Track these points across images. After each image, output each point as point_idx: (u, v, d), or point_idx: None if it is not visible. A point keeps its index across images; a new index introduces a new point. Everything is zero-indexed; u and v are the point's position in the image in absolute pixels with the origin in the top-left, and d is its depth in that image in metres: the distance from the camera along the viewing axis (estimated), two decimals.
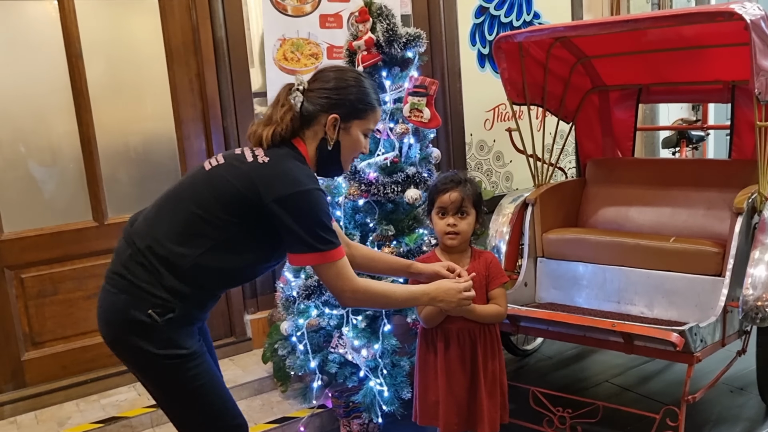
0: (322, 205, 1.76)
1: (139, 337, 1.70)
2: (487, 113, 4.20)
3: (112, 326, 1.75)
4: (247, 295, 3.59)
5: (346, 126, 1.86)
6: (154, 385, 1.81)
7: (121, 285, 1.72)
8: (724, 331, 2.69)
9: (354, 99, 1.86)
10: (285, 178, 1.73)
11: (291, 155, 1.80)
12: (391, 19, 2.78)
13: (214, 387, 1.81)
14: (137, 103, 3.30)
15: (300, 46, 3.51)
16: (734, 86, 3.37)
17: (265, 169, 1.74)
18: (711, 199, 3.19)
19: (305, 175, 1.77)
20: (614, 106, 3.80)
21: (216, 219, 1.73)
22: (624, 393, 3.22)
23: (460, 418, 2.26)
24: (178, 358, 1.72)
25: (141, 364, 1.76)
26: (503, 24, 4.20)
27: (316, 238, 1.73)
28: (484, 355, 2.26)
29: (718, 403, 3.04)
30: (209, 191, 1.75)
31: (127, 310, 1.70)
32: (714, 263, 2.81)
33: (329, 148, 1.86)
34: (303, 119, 1.83)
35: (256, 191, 1.71)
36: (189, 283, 1.73)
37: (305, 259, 1.77)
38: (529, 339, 3.72)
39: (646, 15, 3.47)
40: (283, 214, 1.71)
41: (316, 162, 1.89)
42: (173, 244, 1.71)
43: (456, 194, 2.20)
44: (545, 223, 3.32)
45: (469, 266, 2.26)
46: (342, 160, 1.92)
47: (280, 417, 2.99)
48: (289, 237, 1.74)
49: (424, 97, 2.75)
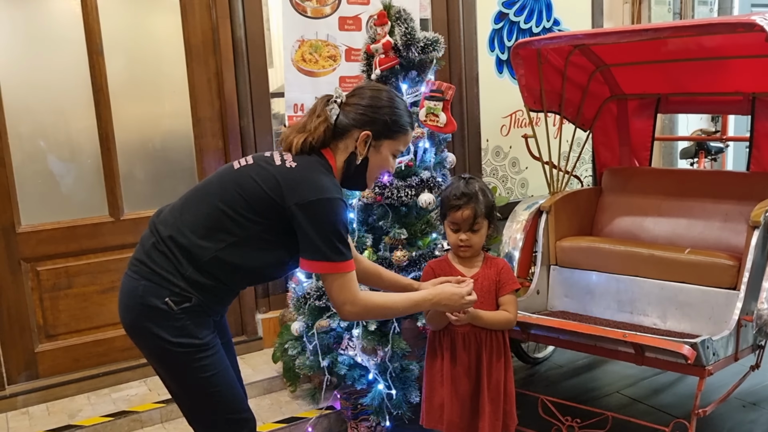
0: (342, 215, 1.80)
1: (154, 324, 1.75)
2: (504, 119, 4.19)
3: (130, 310, 1.80)
4: (259, 294, 3.61)
5: (376, 144, 1.91)
6: (166, 372, 1.85)
7: (142, 272, 1.78)
8: (737, 345, 2.66)
9: (388, 119, 1.91)
10: (310, 184, 1.77)
11: (319, 164, 1.84)
12: (409, 23, 2.78)
13: (224, 379, 1.84)
14: (156, 100, 3.33)
15: (318, 48, 3.52)
16: (755, 98, 3.34)
17: (292, 174, 1.79)
18: (728, 212, 3.16)
19: (330, 184, 1.80)
20: (632, 115, 3.78)
21: (239, 217, 1.77)
22: (634, 404, 3.19)
23: (464, 421, 2.26)
24: (191, 347, 1.77)
25: (155, 351, 1.81)
26: (522, 30, 4.19)
27: (330, 247, 1.77)
28: (489, 361, 2.25)
29: (730, 418, 3.01)
30: (236, 189, 1.79)
31: (145, 296, 1.75)
32: (729, 276, 2.78)
33: (357, 163, 1.91)
34: (336, 131, 1.88)
35: (281, 193, 1.76)
36: (207, 276, 1.77)
37: (315, 266, 1.81)
38: (540, 347, 3.71)
39: (667, 24, 3.45)
40: (302, 218, 1.75)
41: (343, 174, 1.93)
42: (196, 236, 1.77)
43: (468, 212, 2.19)
44: (559, 231, 3.31)
45: (479, 271, 2.26)
46: (367, 177, 1.96)
47: (289, 417, 3.00)
48: (304, 242, 1.78)
49: (440, 101, 2.75)
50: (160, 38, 3.33)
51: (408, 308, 2.05)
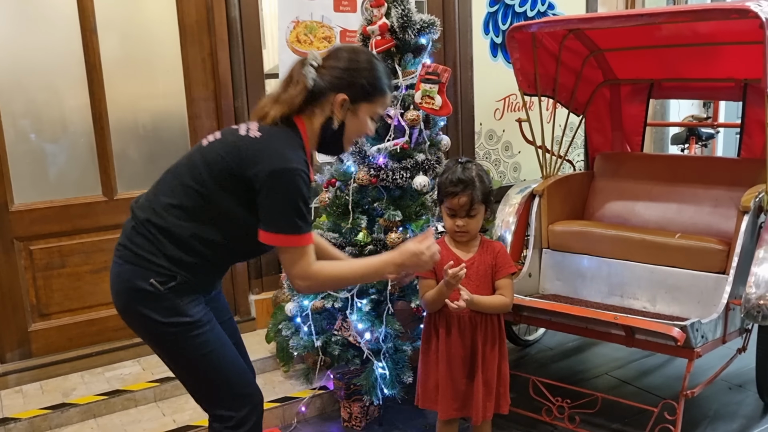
0: (302, 188, 1.73)
1: (144, 306, 1.76)
2: (498, 103, 4.20)
3: (121, 295, 1.81)
4: (252, 275, 3.62)
5: (354, 108, 1.85)
6: (163, 353, 1.86)
7: (126, 256, 1.79)
8: (725, 328, 2.70)
9: (365, 82, 1.84)
10: (271, 155, 1.72)
11: (285, 134, 1.79)
12: (405, 5, 2.78)
13: (223, 355, 1.84)
14: (150, 80, 3.31)
15: (313, 29, 3.50)
16: (746, 84, 3.37)
17: (255, 144, 1.75)
18: (718, 197, 3.19)
19: (292, 155, 1.74)
20: (625, 100, 3.80)
21: (211, 193, 1.76)
22: (623, 386, 3.24)
23: (458, 403, 2.28)
24: (183, 326, 1.77)
25: (149, 333, 1.81)
26: (517, 13, 4.18)
27: (288, 220, 1.72)
28: (484, 343, 2.27)
29: (716, 400, 3.07)
30: (204, 166, 1.78)
31: (132, 280, 1.76)
32: (718, 261, 2.82)
33: (334, 128, 1.85)
34: (312, 95, 1.82)
35: (241, 164, 1.73)
36: (190, 253, 1.77)
37: (272, 239, 1.75)
38: (531, 330, 3.75)
39: (662, 9, 3.47)
40: (261, 189, 1.71)
41: (319, 139, 1.88)
42: (172, 216, 1.76)
43: (465, 199, 2.18)
44: (551, 215, 3.34)
45: (475, 255, 2.28)
46: (344, 141, 1.91)
47: (282, 396, 3.03)
48: (263, 213, 1.74)
49: (436, 84, 2.75)
50: (155, 17, 3.30)
51: (368, 274, 1.97)
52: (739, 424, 2.87)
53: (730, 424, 2.87)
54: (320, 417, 3.03)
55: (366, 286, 2.71)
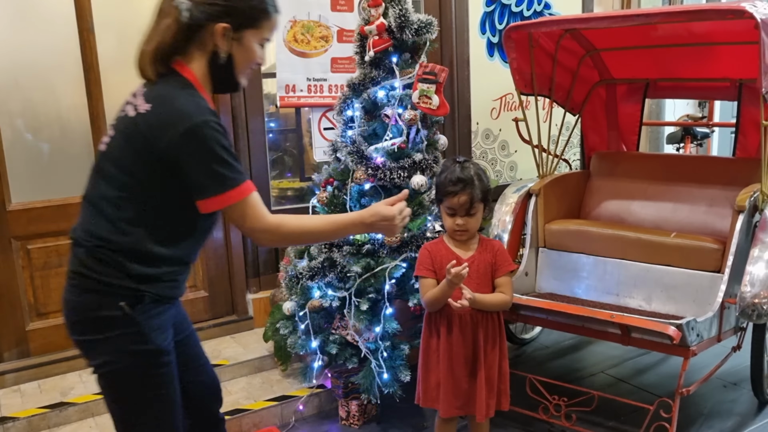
0: (219, 138, 1.57)
1: (108, 335, 1.61)
2: (494, 102, 4.21)
3: (82, 325, 1.64)
4: (249, 274, 3.62)
5: (237, 36, 1.66)
6: (113, 389, 1.68)
7: (85, 284, 1.62)
8: (720, 326, 2.73)
9: (245, 6, 1.65)
10: (172, 118, 1.55)
11: (175, 91, 1.61)
12: (403, 4, 2.79)
13: (172, 403, 1.72)
14: None
15: (310, 29, 3.51)
16: (741, 84, 3.39)
17: (150, 117, 1.58)
18: (713, 196, 3.21)
19: (192, 107, 1.57)
20: (621, 99, 3.82)
21: (142, 192, 1.61)
22: (619, 384, 3.26)
23: (460, 401, 2.30)
24: (147, 355, 1.64)
25: (106, 365, 1.64)
26: (514, 13, 4.20)
27: (217, 178, 1.57)
28: (485, 342, 2.28)
29: (712, 398, 3.09)
30: (118, 170, 1.61)
31: (97, 310, 1.61)
32: (714, 260, 2.84)
33: (221, 62, 1.66)
34: (189, 31, 1.63)
35: (149, 145, 1.56)
36: (153, 263, 1.63)
37: (211, 204, 1.60)
38: (528, 328, 3.77)
39: (658, 10, 3.48)
40: (179, 157, 1.55)
41: (210, 79, 1.69)
42: (119, 234, 1.60)
43: (464, 198, 2.20)
44: (548, 214, 3.35)
45: (475, 253, 2.29)
46: (237, 75, 1.72)
47: (280, 395, 3.04)
48: (190, 182, 1.58)
49: (433, 84, 2.76)
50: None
51: (334, 231, 1.83)
52: (734, 422, 2.89)
53: (725, 422, 2.89)
54: (318, 415, 3.04)
55: (364, 285, 2.72)
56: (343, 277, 2.75)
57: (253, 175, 3.52)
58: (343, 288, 2.75)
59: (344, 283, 2.75)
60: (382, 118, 2.84)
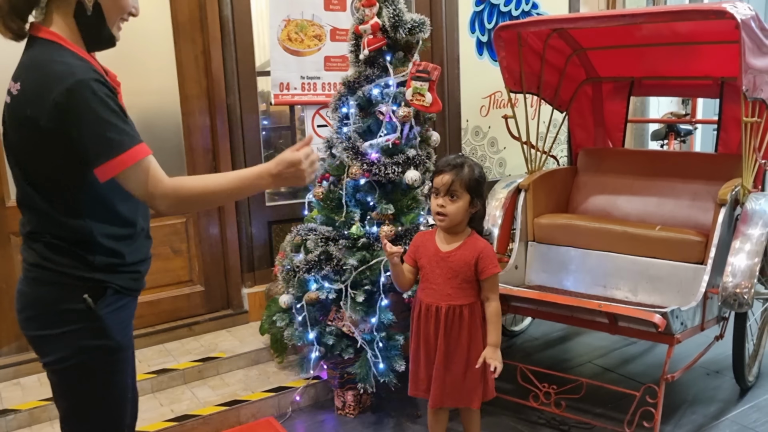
0: (97, 98, 1.42)
1: (66, 330, 1.54)
2: (484, 100, 4.30)
3: (38, 320, 1.56)
4: (244, 269, 3.69)
5: None
6: (66, 385, 1.63)
7: (44, 277, 1.54)
8: (703, 316, 2.83)
9: None
10: (39, 90, 1.43)
11: (38, 55, 1.49)
12: (397, 4, 2.86)
13: (124, 400, 1.69)
14: (144, 77, 3.35)
15: (304, 28, 3.58)
16: (723, 82, 3.50)
17: (21, 97, 1.47)
18: (696, 191, 3.32)
19: (61, 70, 1.43)
20: (607, 97, 3.92)
21: (57, 183, 1.51)
22: (606, 373, 3.36)
23: (444, 392, 2.37)
24: (105, 352, 1.59)
25: (62, 360, 1.57)
26: (502, 13, 4.28)
27: (102, 142, 1.43)
28: (469, 333, 2.34)
29: (695, 385, 3.19)
30: (25, 166, 1.52)
31: (58, 302, 1.54)
32: (697, 252, 2.94)
33: (89, 14, 1.52)
34: None
35: (32, 125, 1.44)
36: (110, 252, 1.58)
37: (105, 171, 1.45)
38: (517, 320, 3.85)
39: (642, 10, 3.58)
40: (61, 131, 1.42)
41: (81, 35, 1.55)
42: (66, 229, 1.53)
43: (447, 177, 2.27)
44: (537, 209, 3.44)
45: (457, 248, 2.33)
46: (110, 25, 1.58)
47: (277, 386, 3.10)
48: (80, 150, 1.44)
49: (426, 82, 2.84)
50: (148, 15, 3.31)
51: (239, 187, 1.63)
52: (717, 408, 2.99)
53: (708, 408, 2.99)
54: (314, 406, 3.11)
55: (360, 277, 2.79)
56: (339, 269, 2.82)
57: None
58: (339, 280, 2.82)
59: (340, 275, 2.82)
60: (376, 115, 2.91)
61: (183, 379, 3.16)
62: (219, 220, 3.57)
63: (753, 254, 2.74)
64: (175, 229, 3.47)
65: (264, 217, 3.69)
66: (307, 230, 2.96)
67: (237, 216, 3.60)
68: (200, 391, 3.09)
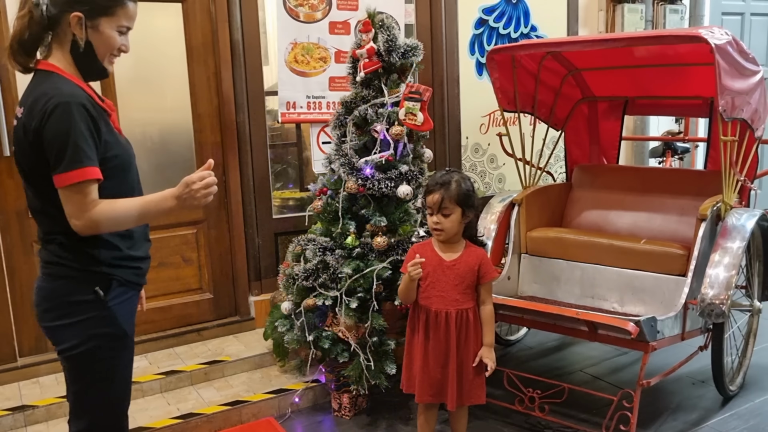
0: (75, 118, 1.66)
1: (79, 318, 1.77)
2: (483, 118, 4.46)
3: (51, 312, 1.80)
4: (252, 278, 3.88)
5: (93, 24, 1.76)
6: (79, 368, 1.84)
7: (59, 272, 1.78)
8: (684, 326, 2.94)
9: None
10: (35, 106, 1.69)
11: (39, 83, 1.74)
12: (391, 30, 3.06)
13: (128, 384, 1.95)
14: (159, 97, 3.58)
15: (310, 50, 3.79)
16: (712, 102, 3.62)
17: (25, 117, 1.72)
18: (684, 206, 3.45)
19: (54, 91, 1.68)
20: (602, 116, 4.06)
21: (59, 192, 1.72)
22: (595, 381, 3.48)
23: (433, 390, 2.53)
24: (113, 338, 1.82)
25: (76, 347, 1.79)
26: (501, 35, 4.46)
27: (62, 156, 1.65)
28: (461, 337, 2.50)
29: (680, 394, 3.30)
30: (33, 180, 1.76)
31: (71, 294, 1.77)
32: (679, 264, 3.06)
33: (81, 50, 1.76)
34: (46, 23, 1.74)
35: (32, 141, 1.70)
36: (112, 245, 1.80)
37: (58, 180, 1.68)
38: (513, 330, 3.99)
39: (625, 35, 3.72)
40: (42, 132, 1.67)
41: (77, 68, 1.80)
42: (73, 232, 1.73)
43: (437, 196, 2.43)
44: (530, 223, 3.59)
45: (459, 257, 2.50)
46: (101, 60, 1.81)
47: (278, 388, 3.28)
48: (46, 153, 1.69)
49: (418, 102, 3.02)
50: (164, 39, 3.58)
51: (148, 209, 1.78)
52: (698, 415, 3.10)
53: (689, 415, 3.10)
54: (312, 407, 3.28)
55: (354, 285, 2.97)
56: (335, 278, 3.00)
57: (256, 185, 3.79)
58: (335, 288, 3.00)
59: (336, 283, 3.00)
60: (371, 133, 3.10)
61: (190, 380, 3.35)
62: (228, 232, 3.78)
63: (730, 267, 2.85)
64: (186, 239, 3.69)
65: (270, 229, 3.89)
66: (307, 241, 3.15)
67: (245, 227, 3.81)
68: (205, 392, 3.27)
